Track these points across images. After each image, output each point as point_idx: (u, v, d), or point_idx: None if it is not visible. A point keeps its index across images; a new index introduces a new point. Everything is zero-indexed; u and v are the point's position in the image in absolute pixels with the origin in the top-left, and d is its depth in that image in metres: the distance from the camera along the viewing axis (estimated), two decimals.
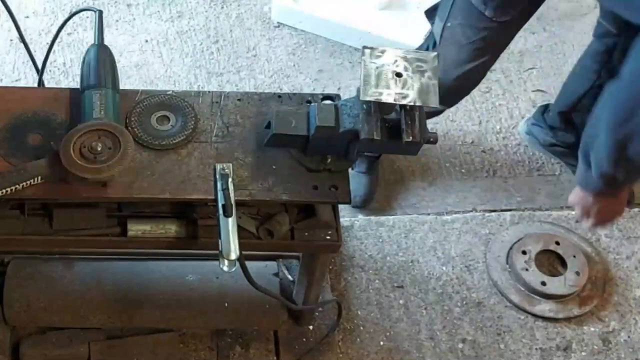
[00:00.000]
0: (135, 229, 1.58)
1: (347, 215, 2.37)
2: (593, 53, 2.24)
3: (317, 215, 1.60)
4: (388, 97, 1.43)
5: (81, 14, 2.84)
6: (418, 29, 2.78)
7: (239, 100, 1.63)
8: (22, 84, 2.65)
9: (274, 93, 1.68)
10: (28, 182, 1.43)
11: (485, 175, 2.57)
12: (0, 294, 1.93)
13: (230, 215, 1.43)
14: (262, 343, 2.09)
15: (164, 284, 1.97)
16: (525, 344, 2.19)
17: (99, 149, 1.42)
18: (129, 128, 1.54)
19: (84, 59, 1.59)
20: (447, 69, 2.00)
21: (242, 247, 1.42)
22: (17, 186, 1.43)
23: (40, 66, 1.76)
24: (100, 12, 1.65)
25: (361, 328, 2.18)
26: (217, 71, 2.77)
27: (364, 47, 1.49)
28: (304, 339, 2.09)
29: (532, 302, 2.24)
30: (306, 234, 1.62)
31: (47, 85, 1.68)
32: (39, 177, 1.44)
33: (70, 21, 2.96)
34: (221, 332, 2.08)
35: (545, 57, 2.86)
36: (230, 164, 1.51)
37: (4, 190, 1.42)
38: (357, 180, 2.42)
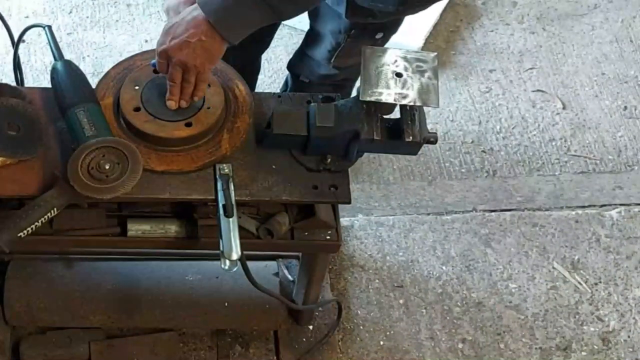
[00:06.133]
0: (135, 229, 1.58)
1: (347, 215, 2.37)
2: None
3: (317, 215, 1.60)
4: (388, 97, 1.44)
5: (81, 11, 2.84)
6: (418, 29, 2.78)
7: None
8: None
9: (274, 93, 1.68)
10: (45, 216, 1.42)
11: (485, 175, 2.57)
12: (1, 294, 1.93)
13: (231, 216, 1.43)
14: (262, 343, 2.09)
15: (164, 284, 1.97)
16: (525, 344, 2.19)
17: (108, 167, 1.40)
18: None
19: (52, 79, 1.55)
20: None
21: (242, 247, 1.43)
22: (37, 223, 1.42)
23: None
24: (50, 27, 1.61)
25: (361, 328, 2.18)
26: None
27: (364, 47, 1.50)
28: (304, 339, 2.09)
29: None
30: (306, 233, 1.62)
31: (45, 85, 1.66)
32: (55, 209, 1.43)
33: (70, 21, 2.95)
34: (221, 332, 2.08)
35: (545, 57, 2.86)
36: (230, 164, 1.51)
37: (25, 231, 1.42)
38: None
